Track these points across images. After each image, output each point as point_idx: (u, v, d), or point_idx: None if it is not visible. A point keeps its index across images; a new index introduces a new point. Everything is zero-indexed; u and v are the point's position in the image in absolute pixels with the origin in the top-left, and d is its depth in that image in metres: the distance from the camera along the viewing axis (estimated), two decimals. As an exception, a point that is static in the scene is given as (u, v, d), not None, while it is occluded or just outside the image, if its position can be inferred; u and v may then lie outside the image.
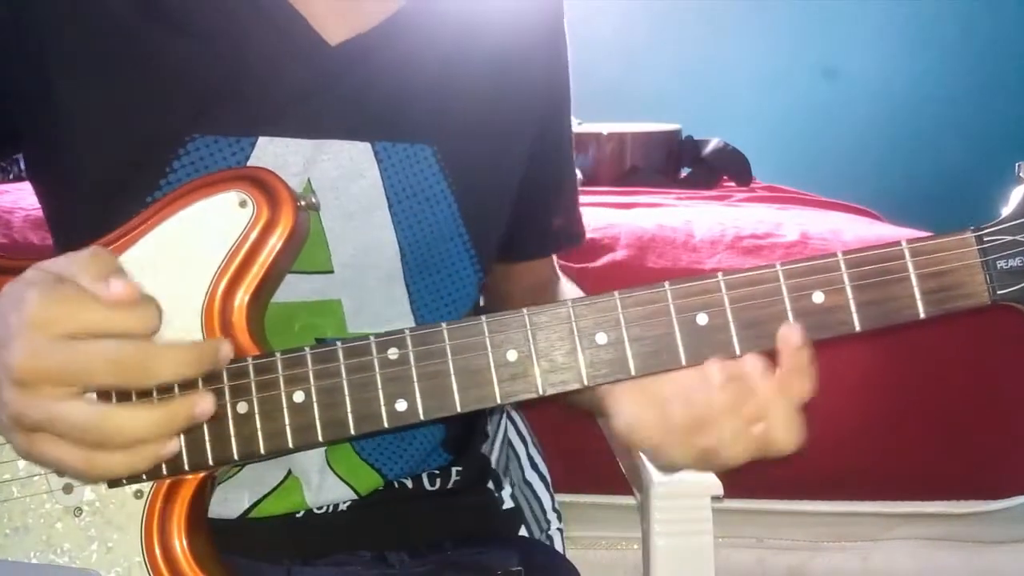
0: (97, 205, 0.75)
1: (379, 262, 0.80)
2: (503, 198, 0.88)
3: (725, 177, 2.35)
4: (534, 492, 1.02)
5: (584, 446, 1.23)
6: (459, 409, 0.65)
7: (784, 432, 0.63)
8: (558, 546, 0.99)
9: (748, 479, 0.70)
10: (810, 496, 1.46)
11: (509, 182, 0.88)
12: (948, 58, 3.09)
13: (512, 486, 0.97)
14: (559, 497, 1.04)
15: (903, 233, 1.66)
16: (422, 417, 0.65)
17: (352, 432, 0.65)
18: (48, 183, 0.82)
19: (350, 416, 0.65)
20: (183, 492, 0.66)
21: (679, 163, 2.38)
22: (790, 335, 0.63)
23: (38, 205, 0.85)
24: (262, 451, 0.65)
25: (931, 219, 1.78)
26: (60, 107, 0.75)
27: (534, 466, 1.03)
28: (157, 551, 0.65)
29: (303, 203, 0.71)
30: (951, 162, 3.05)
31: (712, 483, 0.94)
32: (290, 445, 0.65)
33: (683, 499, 0.97)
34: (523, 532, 0.97)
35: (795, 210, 1.94)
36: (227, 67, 0.76)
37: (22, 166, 2.18)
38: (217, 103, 0.76)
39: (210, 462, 0.65)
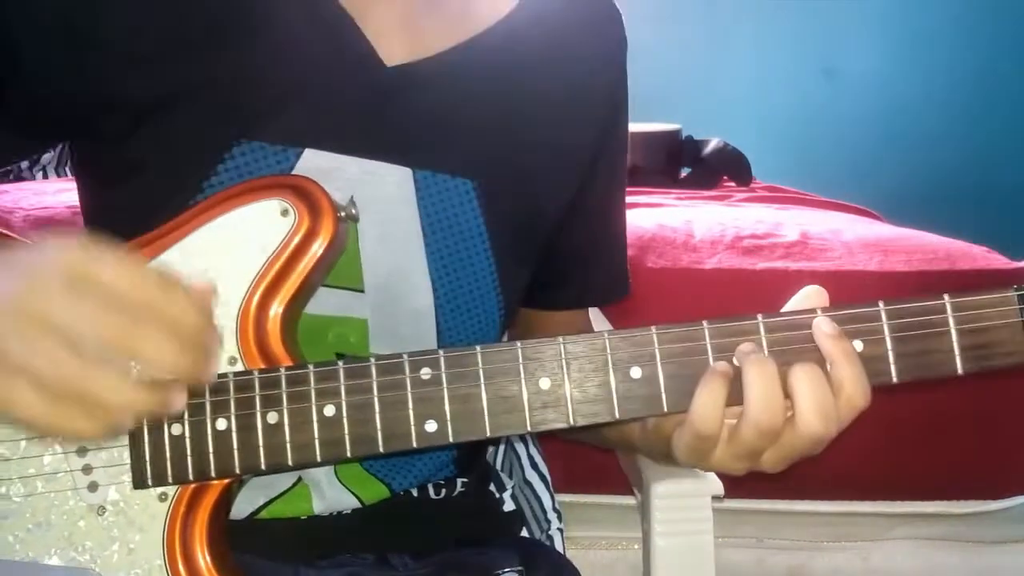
0: (143, 204, 0.74)
1: (410, 292, 0.79)
2: (535, 243, 0.87)
3: (725, 177, 2.35)
4: (534, 492, 1.02)
5: (584, 446, 1.23)
6: (488, 434, 0.65)
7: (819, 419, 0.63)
8: (558, 546, 0.99)
9: (748, 479, 0.70)
10: (810, 496, 1.46)
11: (544, 227, 0.87)
12: (948, 58, 3.09)
13: (513, 486, 0.97)
14: (559, 497, 1.04)
15: (902, 233, 1.66)
16: (451, 439, 0.65)
17: (381, 449, 0.65)
18: (97, 177, 0.81)
19: (379, 433, 0.65)
20: (207, 498, 0.66)
21: (679, 163, 2.38)
22: (822, 325, 0.63)
23: (38, 205, 0.86)
24: (290, 463, 0.65)
25: (931, 219, 1.78)
26: (118, 101, 0.75)
27: (534, 466, 1.03)
28: (178, 555, 0.65)
29: (343, 214, 0.70)
30: (951, 162, 3.04)
31: (713, 483, 0.94)
32: (318, 459, 0.65)
33: (683, 499, 0.97)
34: (523, 532, 0.97)
35: (795, 210, 1.94)
36: (280, 76, 0.76)
37: (23, 166, 2.18)
38: (267, 111, 0.76)
39: (237, 470, 0.65)
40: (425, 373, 0.65)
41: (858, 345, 0.64)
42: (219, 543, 0.67)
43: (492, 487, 0.94)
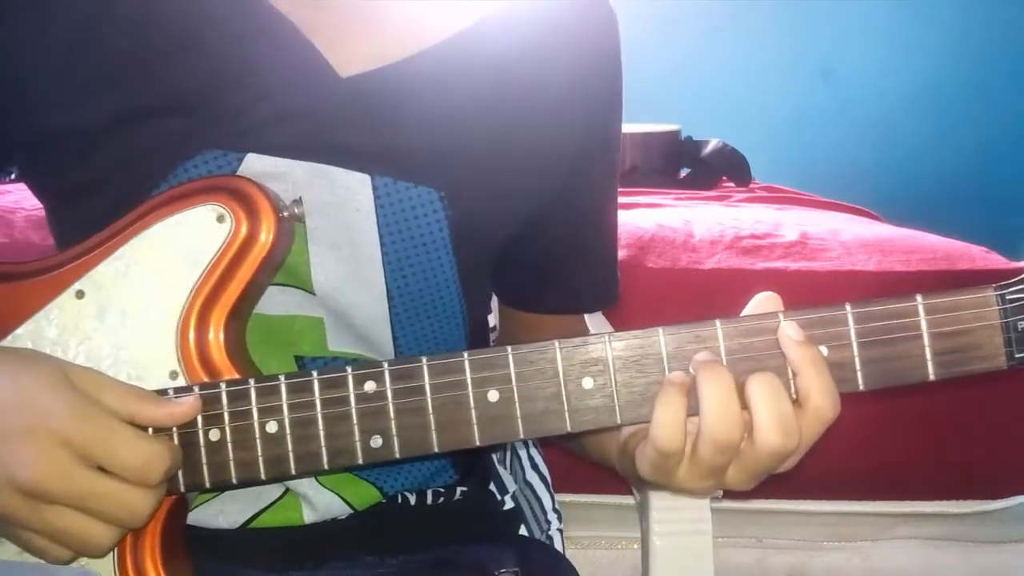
0: (98, 218, 0.73)
1: (365, 301, 0.77)
2: (497, 249, 0.85)
3: (724, 177, 2.35)
4: (534, 492, 1.02)
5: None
6: (436, 449, 0.62)
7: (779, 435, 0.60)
8: (558, 546, 0.99)
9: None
10: (810, 496, 1.46)
11: (508, 232, 0.84)
12: (947, 59, 3.09)
13: (514, 490, 0.97)
14: (559, 497, 1.03)
15: (901, 233, 1.66)
16: (398, 455, 0.63)
17: (326, 467, 0.63)
18: (51, 197, 0.81)
19: (324, 450, 0.63)
20: (158, 510, 0.65)
21: (678, 163, 2.38)
22: (787, 329, 0.60)
23: (39, 205, 0.85)
24: (234, 480, 0.64)
25: (929, 219, 1.78)
26: (66, 130, 0.74)
27: (534, 466, 1.03)
28: (129, 569, 0.65)
29: (286, 213, 0.68)
30: (949, 162, 3.04)
31: (711, 483, 0.94)
32: (263, 476, 0.64)
33: (682, 499, 0.97)
34: (523, 532, 0.97)
35: (794, 210, 1.94)
36: (227, 87, 0.74)
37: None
38: (211, 122, 0.74)
39: (181, 487, 0.65)
40: (370, 387, 0.63)
41: (823, 351, 0.60)
42: (173, 556, 0.66)
43: (493, 488, 0.94)
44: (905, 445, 1.42)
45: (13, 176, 2.03)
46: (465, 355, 0.62)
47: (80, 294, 0.67)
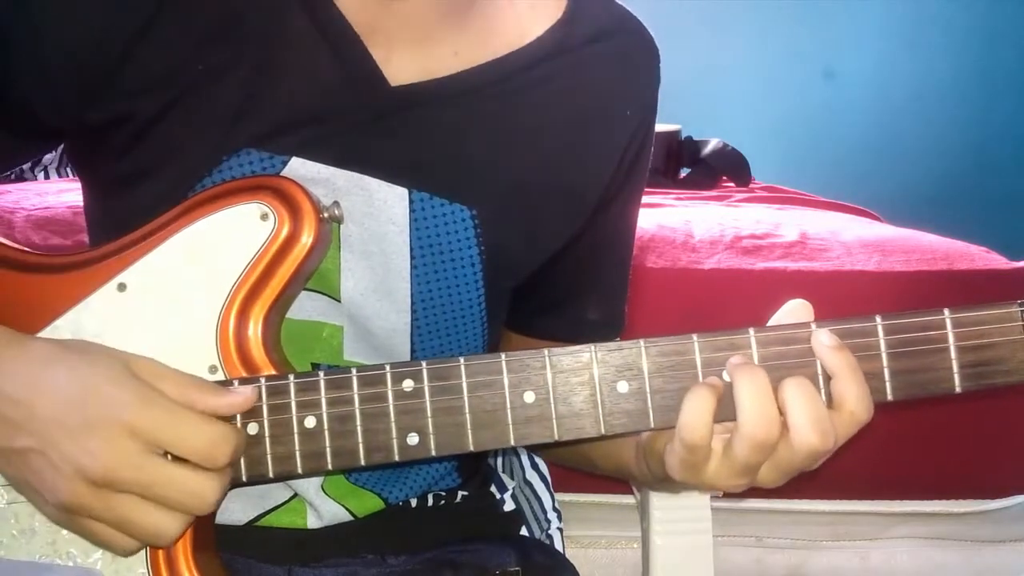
0: (142, 210, 0.73)
1: (388, 311, 0.78)
2: (525, 275, 0.85)
3: (724, 177, 2.36)
4: (534, 492, 1.02)
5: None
6: (472, 448, 0.63)
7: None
8: (558, 545, 0.99)
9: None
10: (809, 495, 1.46)
11: (539, 260, 0.84)
12: (947, 59, 3.09)
13: (513, 488, 0.97)
14: (559, 496, 1.04)
15: (901, 233, 1.66)
16: (434, 453, 0.64)
17: (362, 462, 0.64)
18: (97, 185, 0.81)
19: (360, 446, 0.64)
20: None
21: (679, 163, 2.38)
22: (821, 336, 0.61)
23: (40, 205, 0.86)
24: (271, 474, 0.65)
25: (929, 219, 1.79)
26: (125, 116, 0.74)
27: (534, 466, 1.03)
28: (161, 563, 0.65)
29: (326, 215, 0.69)
30: (949, 162, 3.05)
31: (711, 482, 0.94)
32: (299, 471, 0.64)
33: (682, 498, 0.97)
34: (523, 532, 0.97)
35: (794, 210, 1.94)
36: (280, 88, 0.74)
37: (24, 167, 2.19)
38: (262, 121, 0.74)
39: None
40: (408, 385, 0.63)
41: None
42: (204, 550, 0.66)
43: (493, 488, 0.94)
44: (905, 444, 1.42)
45: (14, 176, 2.03)
46: (503, 356, 0.63)
47: (122, 287, 0.68)
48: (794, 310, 0.65)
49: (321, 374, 0.64)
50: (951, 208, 2.53)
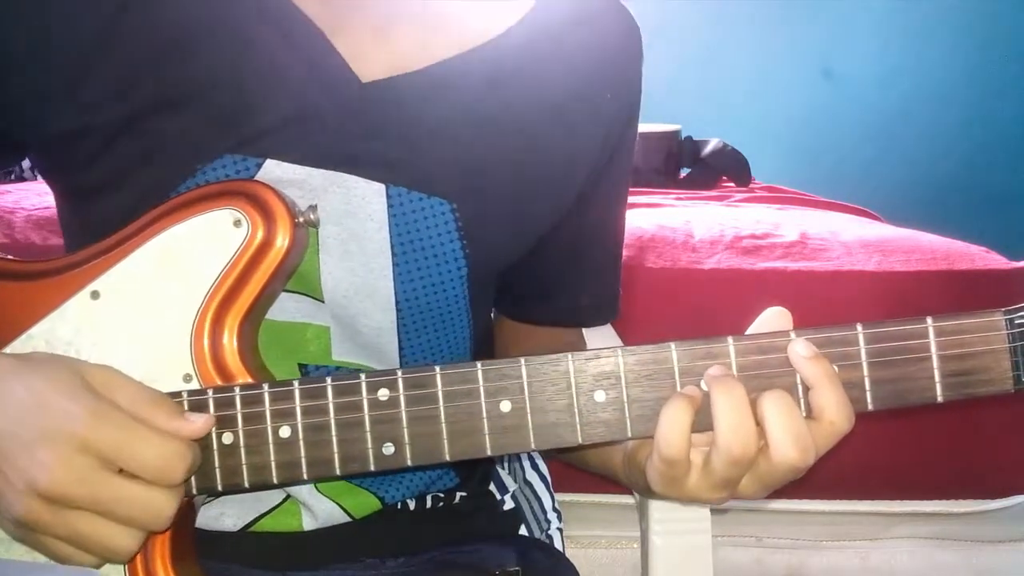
0: (115, 217, 0.72)
1: (372, 309, 0.77)
2: (508, 265, 0.84)
3: (724, 177, 2.35)
4: (534, 492, 1.02)
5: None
6: (448, 458, 0.63)
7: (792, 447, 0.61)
8: (558, 545, 0.99)
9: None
10: (809, 495, 1.46)
11: (523, 250, 0.84)
12: (947, 58, 3.09)
13: (514, 489, 0.97)
14: (559, 496, 1.04)
15: (901, 233, 1.66)
16: (410, 463, 0.63)
17: (338, 472, 0.63)
18: (68, 194, 0.81)
19: (336, 456, 0.63)
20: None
21: (679, 163, 2.38)
22: (797, 347, 0.61)
23: (40, 205, 0.85)
24: (246, 484, 0.64)
25: (929, 219, 1.79)
26: (91, 127, 0.73)
27: (534, 466, 1.03)
28: (139, 572, 0.64)
29: (301, 219, 0.68)
30: (949, 162, 3.05)
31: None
32: (275, 480, 0.64)
33: (682, 498, 0.97)
34: (523, 532, 0.97)
35: (794, 210, 1.94)
36: (247, 90, 0.73)
37: (24, 166, 2.18)
38: (232, 124, 0.73)
39: (193, 490, 0.65)
40: (383, 394, 0.63)
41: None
42: (183, 559, 0.66)
43: (493, 488, 0.94)
44: (904, 444, 1.42)
45: (14, 176, 2.03)
46: (479, 365, 0.62)
47: (95, 295, 0.67)
48: (772, 318, 0.64)
49: (296, 383, 0.63)
50: (951, 208, 2.53)
